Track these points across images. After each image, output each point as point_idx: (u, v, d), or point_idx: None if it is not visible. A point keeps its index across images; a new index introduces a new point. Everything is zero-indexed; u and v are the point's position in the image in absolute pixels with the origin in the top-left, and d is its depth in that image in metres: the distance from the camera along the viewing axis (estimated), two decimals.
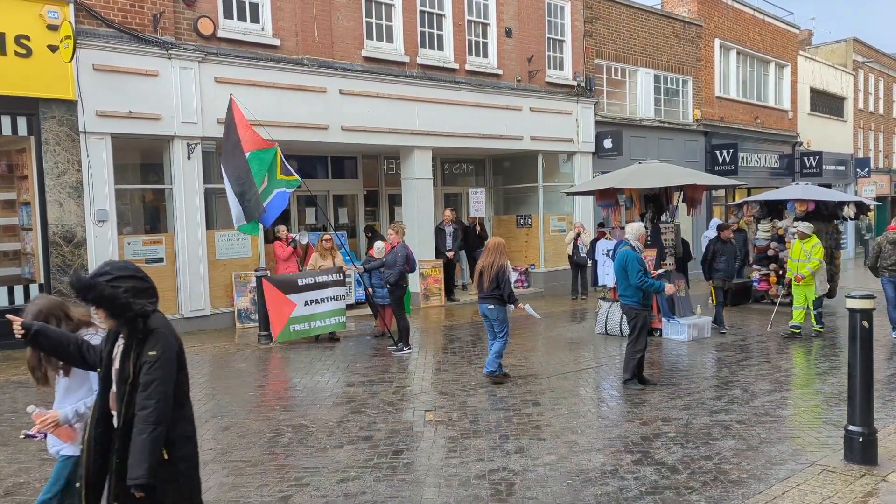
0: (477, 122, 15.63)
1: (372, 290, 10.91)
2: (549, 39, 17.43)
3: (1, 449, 6.21)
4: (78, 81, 10.59)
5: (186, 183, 11.88)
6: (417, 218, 14.84)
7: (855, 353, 5.51)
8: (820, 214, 14.75)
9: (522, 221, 18.03)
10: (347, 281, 12.27)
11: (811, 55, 29.63)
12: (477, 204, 15.91)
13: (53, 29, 10.30)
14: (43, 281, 10.66)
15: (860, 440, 5.48)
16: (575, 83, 17.79)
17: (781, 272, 13.71)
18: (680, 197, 12.22)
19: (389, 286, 10.08)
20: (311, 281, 10.86)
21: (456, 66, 15.41)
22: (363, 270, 10.73)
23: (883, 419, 6.54)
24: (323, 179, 15.67)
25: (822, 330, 11.60)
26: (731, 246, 12.32)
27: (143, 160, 12.87)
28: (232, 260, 12.58)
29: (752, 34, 24.16)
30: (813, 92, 28.33)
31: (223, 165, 10.48)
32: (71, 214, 10.74)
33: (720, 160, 21.40)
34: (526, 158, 17.64)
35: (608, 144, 18.02)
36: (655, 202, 11.92)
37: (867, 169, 30.75)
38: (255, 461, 5.83)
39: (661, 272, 11.14)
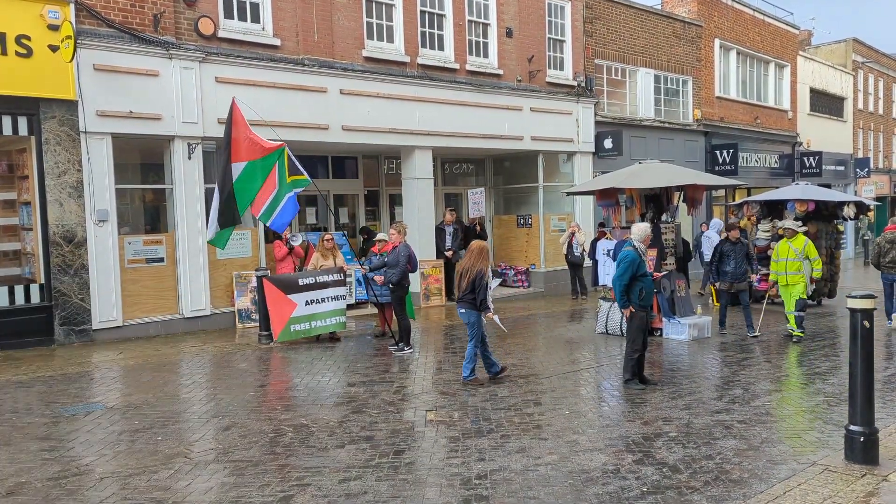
0: (477, 122, 15.63)
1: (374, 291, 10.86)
2: (549, 39, 17.44)
3: (3, 449, 6.20)
4: (78, 81, 10.59)
5: (187, 183, 11.88)
6: (418, 218, 14.84)
7: (856, 352, 5.51)
8: (820, 214, 14.79)
9: (523, 221, 18.04)
10: (348, 281, 12.28)
11: (811, 55, 29.65)
12: (476, 204, 15.91)
13: (54, 29, 10.30)
14: (43, 281, 10.66)
15: (861, 440, 5.48)
16: (575, 83, 17.79)
17: None
18: (680, 197, 12.23)
19: (392, 286, 10.08)
20: (311, 281, 10.86)
21: (456, 66, 15.41)
22: (368, 270, 10.68)
23: (884, 419, 6.54)
24: (323, 179, 15.65)
25: (802, 335, 11.03)
26: (741, 246, 11.57)
27: (143, 160, 12.87)
28: (232, 260, 12.57)
29: (751, 34, 24.17)
30: (813, 92, 28.35)
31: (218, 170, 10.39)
32: (71, 214, 10.73)
33: (720, 160, 21.42)
34: (526, 158, 17.65)
35: (608, 144, 18.03)
36: (656, 202, 11.93)
37: (867, 169, 30.79)
38: (256, 461, 5.83)
39: (663, 274, 11.20)
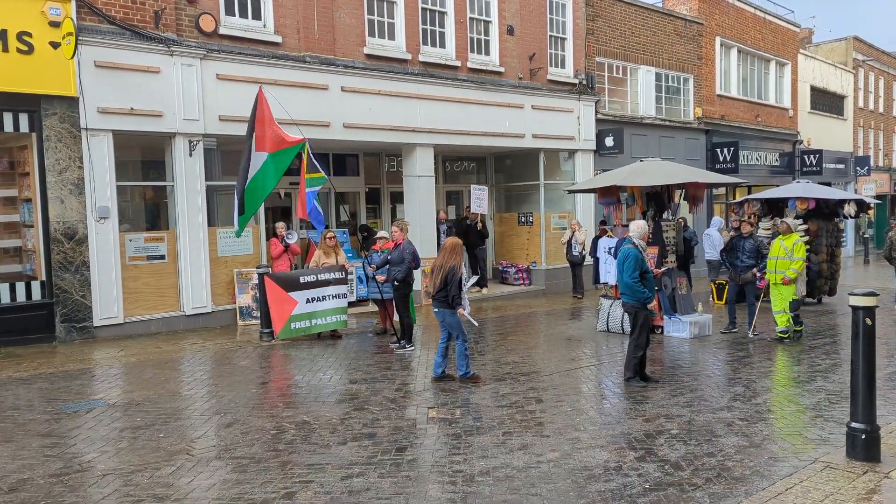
0: (479, 119, 15.62)
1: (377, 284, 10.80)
2: (550, 37, 17.42)
3: (4, 446, 6.20)
4: (79, 78, 10.59)
5: (188, 180, 11.87)
6: (419, 215, 14.83)
7: (857, 350, 5.51)
8: (820, 213, 14.79)
9: (524, 219, 18.03)
10: (349, 278, 12.27)
11: (811, 53, 29.63)
12: (479, 200, 15.90)
13: (55, 26, 10.30)
14: (44, 278, 10.66)
15: (863, 437, 5.49)
16: (576, 81, 17.78)
17: None
18: (681, 195, 12.23)
19: (396, 283, 10.06)
20: (312, 278, 10.86)
21: (458, 63, 15.39)
22: (376, 269, 10.59)
23: (885, 416, 6.54)
24: None
25: (800, 329, 10.92)
26: (751, 241, 11.47)
27: (144, 157, 12.87)
28: (234, 257, 12.58)
29: (752, 32, 24.15)
30: (813, 90, 28.33)
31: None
32: (72, 211, 10.73)
33: (721, 158, 21.41)
34: (527, 156, 17.63)
35: (609, 142, 18.02)
36: (657, 200, 11.92)
37: (867, 167, 30.77)
38: (258, 458, 5.83)
39: (664, 270, 11.20)
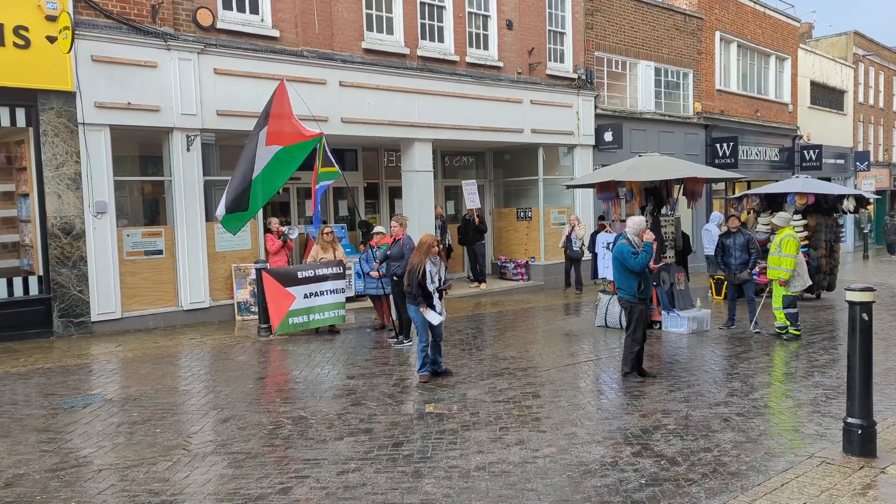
0: (477, 114, 15.59)
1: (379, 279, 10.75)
2: (549, 32, 17.37)
3: (1, 440, 6.20)
4: (76, 73, 10.56)
5: (186, 175, 11.85)
6: (418, 210, 14.82)
7: (854, 345, 5.51)
8: (820, 208, 14.78)
9: (523, 214, 18.01)
10: (347, 274, 12.27)
11: (811, 48, 29.56)
12: (471, 195, 15.88)
13: (52, 20, 10.27)
14: (42, 273, 10.65)
15: (859, 432, 5.49)
16: (575, 76, 17.74)
17: None
18: (680, 190, 12.22)
19: (396, 278, 10.04)
20: (310, 273, 10.85)
21: (456, 58, 15.36)
22: (379, 264, 10.51)
23: (882, 412, 6.54)
24: None
25: (798, 333, 10.55)
26: (741, 238, 11.35)
27: (142, 152, 12.84)
28: (231, 252, 12.57)
29: (752, 27, 24.10)
30: (813, 85, 28.29)
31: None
32: (70, 206, 10.72)
33: (720, 153, 21.38)
34: (526, 151, 17.60)
35: (609, 137, 17.99)
36: (656, 195, 11.91)
37: (867, 162, 30.75)
38: (254, 453, 5.83)
39: (660, 265, 11.18)
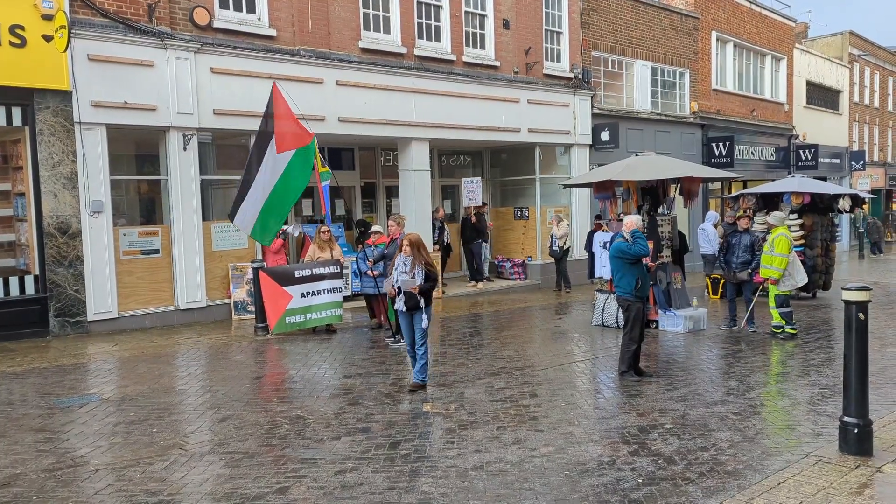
0: (474, 113, 15.59)
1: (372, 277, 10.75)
2: (546, 31, 17.39)
3: None
4: (73, 72, 10.53)
5: (182, 174, 11.83)
6: (415, 209, 14.81)
7: (850, 344, 5.52)
8: (815, 207, 14.82)
9: (520, 213, 18.03)
10: (344, 273, 12.26)
11: (807, 48, 29.64)
12: (471, 193, 15.88)
13: (48, 19, 10.24)
14: (38, 272, 10.62)
15: (855, 431, 5.50)
16: (572, 75, 17.76)
17: None
18: (677, 189, 12.23)
19: None
20: (307, 273, 10.84)
21: (453, 57, 15.36)
22: (374, 263, 10.55)
23: (878, 411, 6.56)
24: None
25: (794, 332, 10.56)
26: (746, 237, 11.29)
27: (138, 151, 12.82)
28: (228, 251, 12.56)
29: (748, 27, 24.14)
30: (809, 85, 28.35)
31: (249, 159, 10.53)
32: (66, 205, 10.69)
33: (717, 153, 21.42)
34: (523, 150, 17.61)
35: (605, 137, 18.01)
36: (652, 194, 11.92)
37: (862, 162, 30.83)
38: (252, 453, 5.83)
39: (658, 263, 11.21)
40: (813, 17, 63.12)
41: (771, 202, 15.09)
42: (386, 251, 10.21)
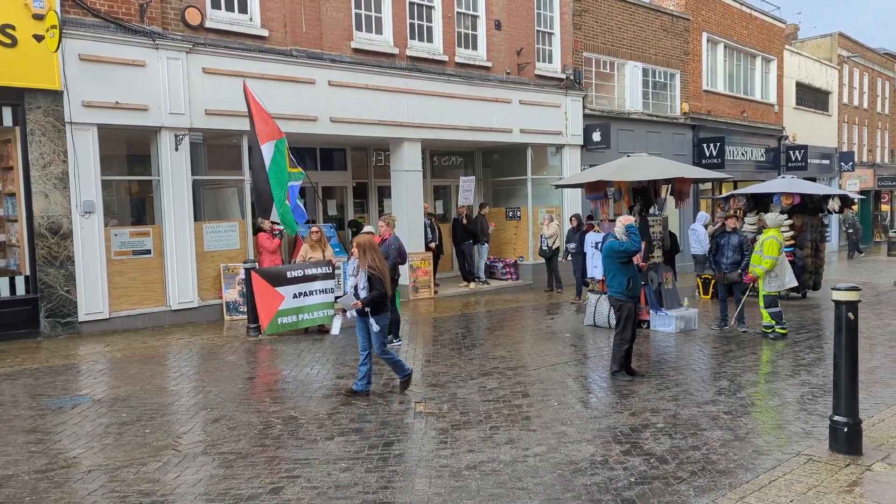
0: (466, 114, 15.61)
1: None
2: (538, 32, 17.42)
3: None
4: (64, 71, 10.48)
5: (174, 174, 11.79)
6: (407, 210, 14.82)
7: (840, 344, 5.57)
8: (805, 208, 14.92)
9: (512, 214, 18.07)
10: (337, 273, 12.25)
11: (797, 49, 29.81)
12: (466, 192, 15.88)
13: (39, 18, 10.19)
14: (29, 273, 10.57)
15: (845, 430, 5.55)
16: (564, 76, 17.80)
17: None
18: (668, 190, 12.30)
19: None
20: (299, 273, 10.83)
21: (445, 58, 15.37)
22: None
23: (867, 410, 6.62)
24: (311, 171, 15.58)
25: (784, 332, 10.64)
26: (735, 237, 11.38)
27: (129, 151, 12.78)
28: (220, 252, 12.52)
29: (738, 28, 24.27)
30: (799, 86, 28.52)
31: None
32: (57, 206, 10.64)
33: (707, 154, 21.53)
34: (515, 151, 17.65)
35: (597, 137, 18.07)
36: (643, 195, 11.98)
37: (851, 163, 31.05)
38: (245, 453, 5.83)
39: (649, 264, 11.26)
40: (802, 18, 63.46)
41: (761, 203, 15.19)
42: None
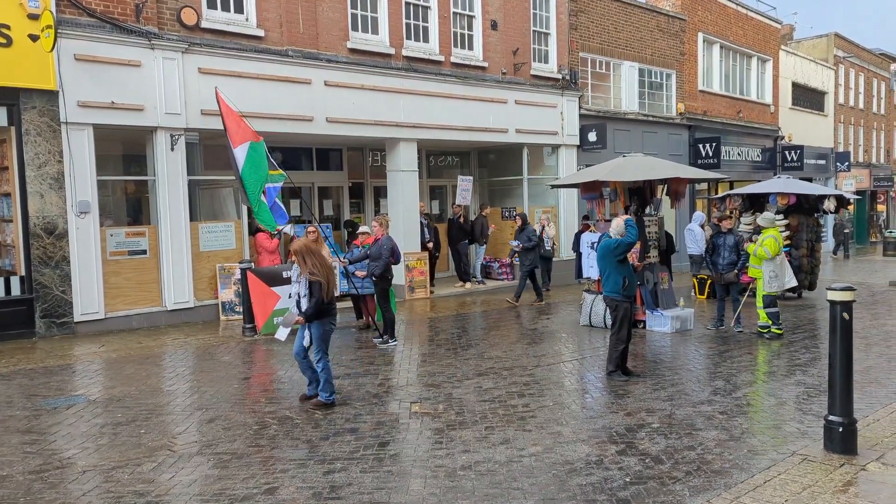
0: (462, 114, 15.62)
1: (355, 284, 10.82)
2: (534, 32, 17.44)
3: None
4: (59, 71, 10.46)
5: (170, 174, 11.77)
6: (403, 210, 14.82)
7: (835, 344, 5.58)
8: (801, 208, 14.94)
9: (508, 214, 18.07)
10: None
11: (793, 50, 29.88)
12: (464, 192, 15.88)
13: (34, 18, 10.17)
14: (24, 273, 10.54)
15: (840, 430, 5.56)
16: (560, 76, 17.82)
17: None
18: (664, 190, 12.31)
19: (374, 278, 10.08)
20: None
21: (441, 58, 15.38)
22: (348, 263, 10.67)
23: (862, 409, 6.64)
24: (308, 171, 15.62)
25: (780, 332, 10.65)
26: (731, 238, 11.42)
27: (125, 151, 12.76)
28: (216, 252, 12.51)
29: (735, 28, 24.32)
30: (794, 86, 28.59)
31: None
32: (52, 206, 10.62)
33: (703, 154, 21.57)
34: (511, 151, 17.66)
35: (593, 137, 18.08)
36: (639, 195, 11.99)
37: (847, 163, 31.12)
38: (240, 453, 5.82)
39: (644, 263, 11.27)
40: (798, 18, 63.59)
41: (757, 203, 15.21)
42: (370, 251, 10.24)
